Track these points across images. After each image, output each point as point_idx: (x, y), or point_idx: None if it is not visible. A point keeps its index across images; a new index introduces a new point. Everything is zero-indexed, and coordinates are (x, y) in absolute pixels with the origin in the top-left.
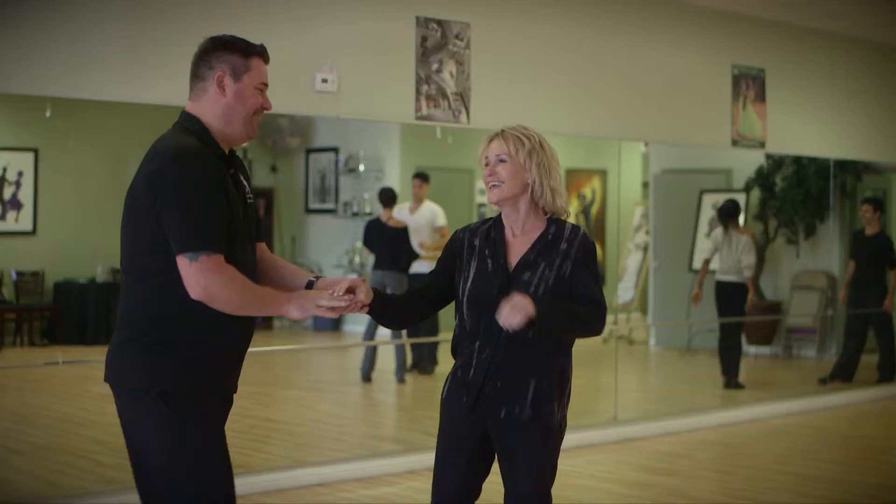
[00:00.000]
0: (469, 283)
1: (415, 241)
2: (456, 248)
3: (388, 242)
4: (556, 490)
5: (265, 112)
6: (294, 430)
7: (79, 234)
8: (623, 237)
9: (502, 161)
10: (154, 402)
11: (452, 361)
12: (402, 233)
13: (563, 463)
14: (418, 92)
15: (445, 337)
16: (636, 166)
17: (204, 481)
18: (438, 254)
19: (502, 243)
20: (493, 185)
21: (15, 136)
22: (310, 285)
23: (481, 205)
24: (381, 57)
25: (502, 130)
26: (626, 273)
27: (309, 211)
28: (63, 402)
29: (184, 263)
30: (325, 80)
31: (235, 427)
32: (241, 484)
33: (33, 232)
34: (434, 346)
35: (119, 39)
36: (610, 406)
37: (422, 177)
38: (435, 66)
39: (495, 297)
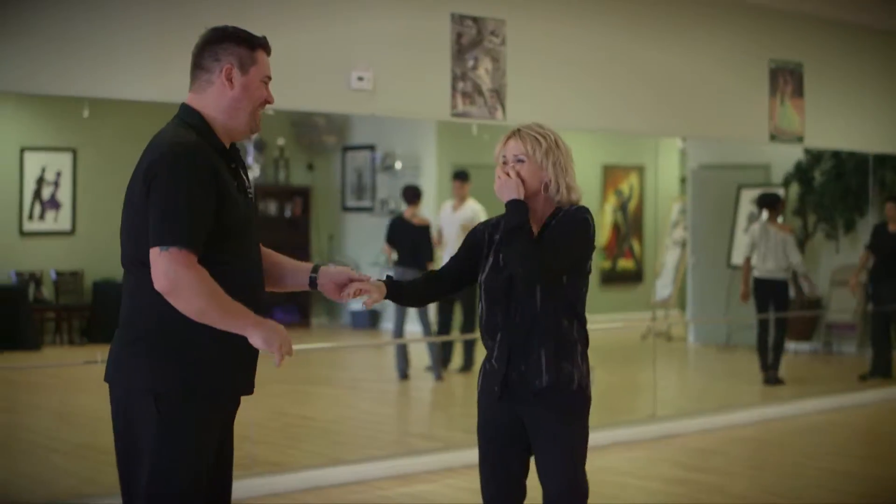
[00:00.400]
0: (485, 276)
1: (457, 240)
2: (476, 241)
3: (410, 240)
4: (594, 487)
5: (268, 105)
6: (331, 427)
7: (117, 234)
8: (661, 233)
9: (520, 161)
10: (148, 404)
11: (479, 359)
12: (424, 230)
13: (600, 460)
14: (454, 89)
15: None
16: (674, 162)
17: (183, 491)
18: None
19: None
20: None
21: (53, 137)
22: (312, 281)
23: None
24: (417, 54)
25: (518, 129)
26: (665, 269)
27: (346, 209)
28: (102, 401)
29: (154, 253)
30: (360, 78)
31: (272, 425)
32: (279, 482)
33: (72, 232)
34: (472, 344)
35: (153, 40)
36: (648, 403)
37: (461, 176)
38: (470, 63)
39: (505, 289)
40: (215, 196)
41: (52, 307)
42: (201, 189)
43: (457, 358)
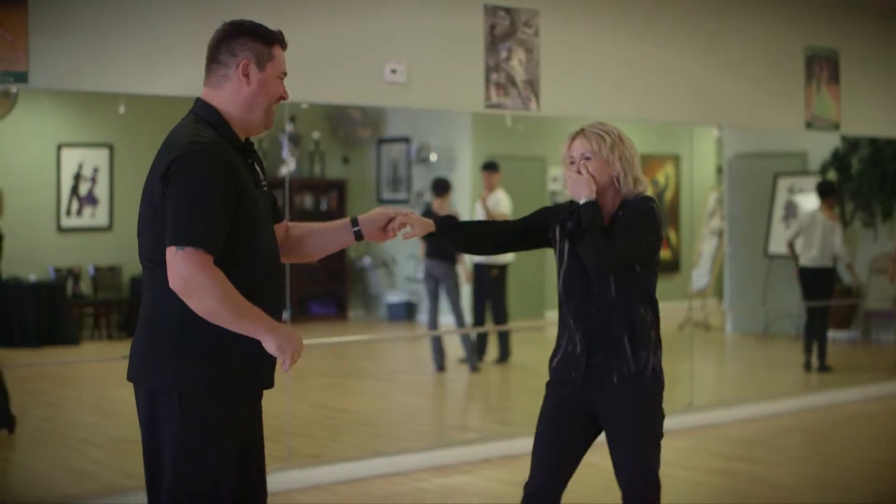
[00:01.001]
0: (564, 267)
1: None
2: (548, 218)
3: None
4: None
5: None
6: (369, 419)
7: None
8: (697, 223)
9: (587, 159)
10: (172, 402)
11: (516, 350)
12: None
13: None
14: (487, 80)
15: (517, 325)
16: (710, 151)
17: (206, 491)
18: None
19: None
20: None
21: (90, 133)
22: (358, 234)
23: (553, 192)
24: (450, 46)
25: (582, 129)
26: (702, 259)
27: (381, 201)
28: None
29: (170, 252)
30: (394, 71)
31: (311, 418)
32: (317, 474)
33: (109, 227)
34: (506, 336)
35: (190, 36)
36: (686, 393)
37: (490, 167)
38: (504, 55)
39: (581, 279)
40: (234, 194)
41: (91, 302)
42: (220, 188)
43: (492, 350)
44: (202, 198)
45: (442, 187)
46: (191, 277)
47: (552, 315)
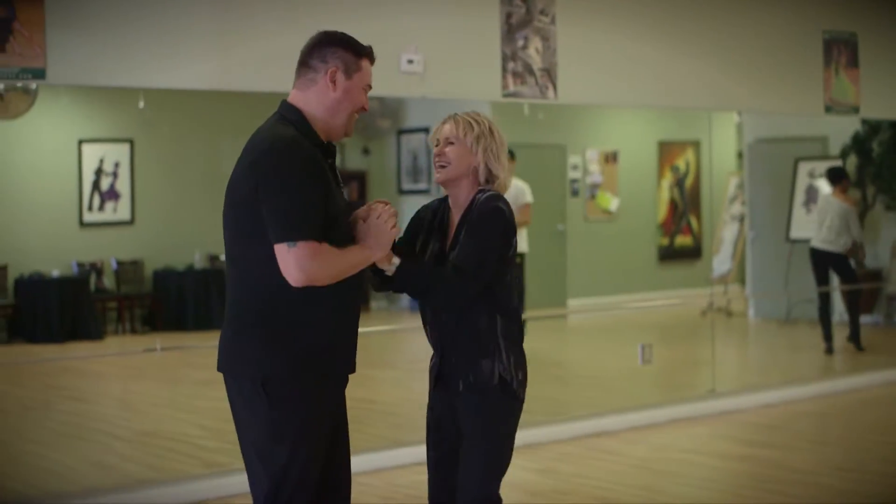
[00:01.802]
0: None
1: None
2: (419, 232)
3: None
4: (656, 464)
5: (366, 111)
6: (392, 410)
7: (176, 222)
8: (718, 208)
9: (451, 143)
10: (257, 391)
11: (538, 338)
12: None
13: (660, 437)
14: (504, 69)
15: (530, 315)
16: (730, 136)
17: (298, 476)
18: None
19: (447, 225)
20: (440, 166)
21: (110, 128)
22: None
23: (574, 180)
24: (466, 35)
25: (455, 114)
26: (723, 245)
27: (402, 192)
28: (163, 388)
29: (282, 250)
30: (410, 61)
31: None
32: None
33: (131, 221)
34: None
35: (207, 29)
36: (708, 379)
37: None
38: (520, 43)
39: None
40: (322, 184)
41: (114, 296)
42: (311, 180)
43: None
44: (295, 190)
45: None
46: (310, 270)
47: (574, 303)
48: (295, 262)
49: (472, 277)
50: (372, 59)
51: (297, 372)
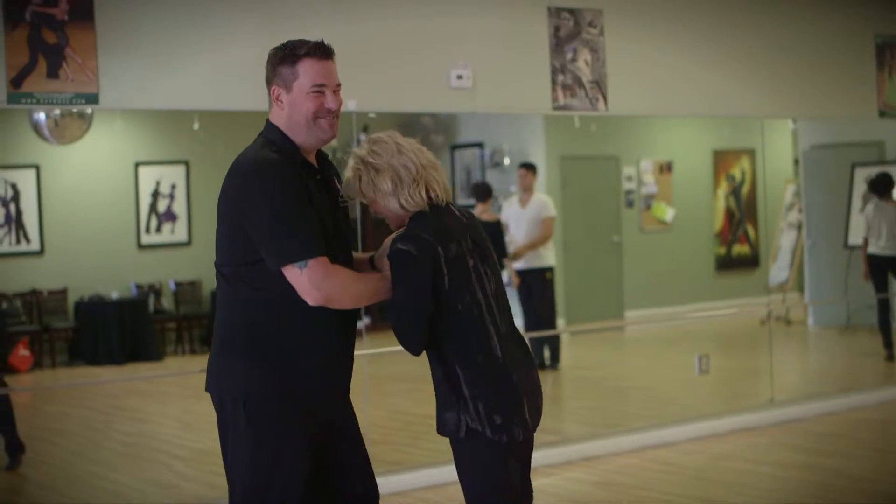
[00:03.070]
0: None
1: (526, 237)
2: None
3: None
4: (716, 475)
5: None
6: None
7: None
8: (775, 216)
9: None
10: (238, 409)
11: (595, 350)
12: (495, 226)
13: (721, 446)
14: (554, 82)
15: (587, 328)
16: (785, 143)
17: (275, 499)
18: (533, 250)
19: None
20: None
21: (166, 150)
22: (371, 263)
23: (628, 191)
24: (515, 49)
25: (353, 153)
26: (781, 253)
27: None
28: None
29: (294, 273)
30: (460, 77)
31: (392, 425)
32: (400, 480)
33: (188, 242)
34: (557, 340)
35: (254, 49)
36: (767, 388)
37: (527, 166)
38: (569, 56)
39: None
40: (308, 201)
41: (173, 317)
42: (297, 196)
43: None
44: (285, 211)
45: (483, 192)
46: (326, 288)
47: (632, 314)
48: (309, 282)
49: (398, 331)
50: (319, 55)
51: (277, 392)
